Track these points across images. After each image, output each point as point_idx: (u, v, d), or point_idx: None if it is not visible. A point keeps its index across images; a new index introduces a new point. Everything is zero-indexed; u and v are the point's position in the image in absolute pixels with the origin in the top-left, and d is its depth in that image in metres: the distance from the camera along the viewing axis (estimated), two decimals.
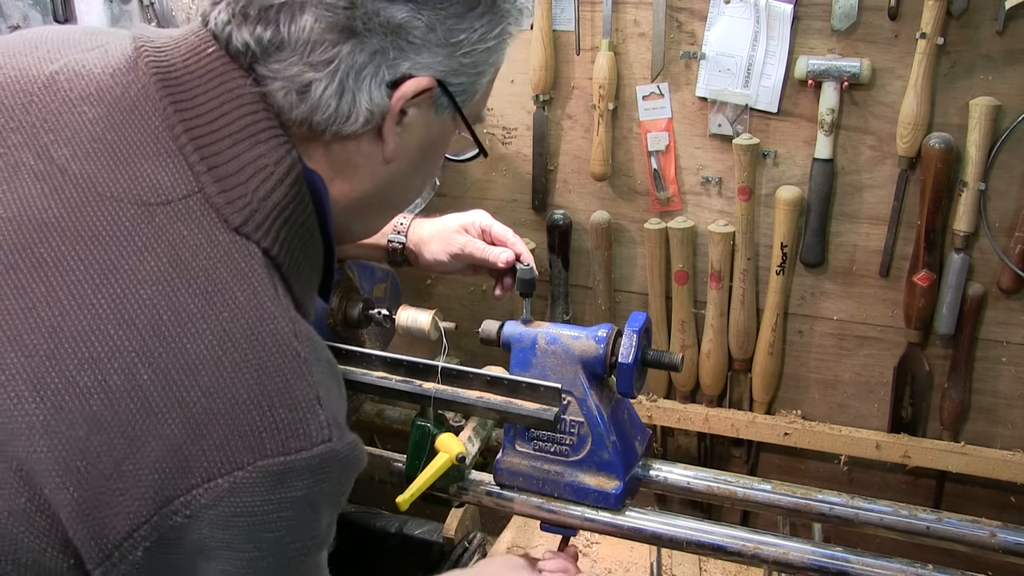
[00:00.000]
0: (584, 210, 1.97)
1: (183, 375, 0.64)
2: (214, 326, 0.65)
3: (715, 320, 1.91)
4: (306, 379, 0.68)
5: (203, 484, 0.63)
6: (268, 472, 0.65)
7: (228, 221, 0.69)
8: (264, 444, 0.65)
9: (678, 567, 1.84)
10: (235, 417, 0.64)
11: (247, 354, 0.66)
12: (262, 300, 0.68)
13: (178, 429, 0.63)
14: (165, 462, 0.63)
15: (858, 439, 1.88)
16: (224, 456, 0.64)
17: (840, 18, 1.66)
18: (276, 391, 0.66)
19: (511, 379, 1.16)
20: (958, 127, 1.65)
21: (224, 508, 0.64)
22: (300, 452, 0.66)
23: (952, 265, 1.72)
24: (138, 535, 0.63)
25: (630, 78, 1.84)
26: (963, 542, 1.11)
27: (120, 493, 0.62)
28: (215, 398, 0.64)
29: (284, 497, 0.66)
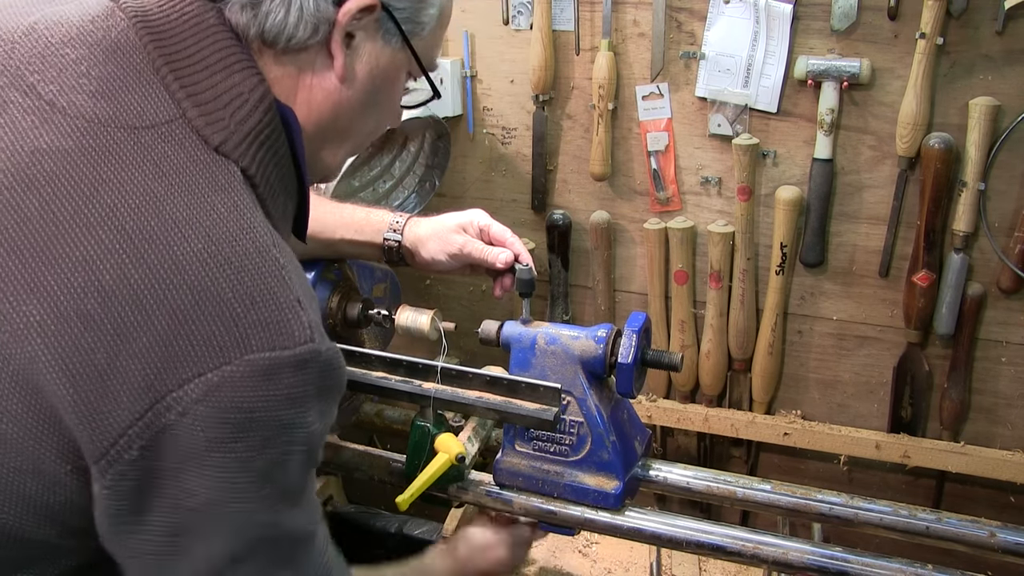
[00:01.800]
0: (584, 210, 1.97)
1: (171, 273, 0.67)
2: (198, 230, 0.69)
3: (715, 320, 1.91)
4: (286, 283, 0.72)
5: (194, 379, 0.66)
6: (255, 367, 0.68)
7: (208, 141, 0.74)
8: (250, 339, 0.68)
9: (678, 567, 1.84)
10: (221, 312, 0.67)
11: (230, 256, 0.69)
12: (242, 211, 0.72)
13: (167, 324, 0.66)
14: (156, 356, 0.65)
15: (858, 439, 1.88)
16: (212, 350, 0.66)
17: (840, 18, 1.66)
18: (259, 291, 0.69)
19: (511, 379, 1.16)
20: (958, 127, 1.65)
21: (214, 403, 0.66)
22: (285, 349, 0.69)
23: (952, 265, 1.72)
24: (133, 432, 0.65)
25: (630, 78, 1.84)
26: (963, 542, 1.11)
27: (115, 389, 0.65)
28: (201, 294, 0.67)
29: (272, 394, 0.69)
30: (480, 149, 2.02)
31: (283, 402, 0.70)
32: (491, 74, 1.95)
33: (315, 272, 1.25)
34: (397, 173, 1.93)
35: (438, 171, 1.89)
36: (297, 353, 0.70)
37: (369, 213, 1.30)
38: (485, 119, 1.99)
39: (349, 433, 1.40)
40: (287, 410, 0.70)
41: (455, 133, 1.98)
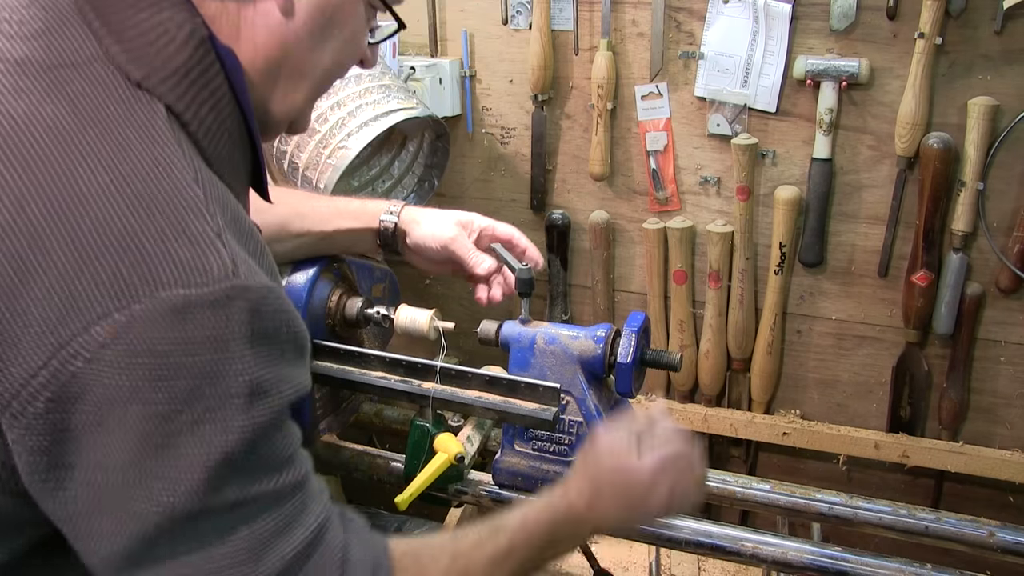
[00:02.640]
0: (583, 210, 1.97)
1: (72, 208, 0.62)
2: (107, 164, 0.64)
3: (714, 320, 1.91)
4: (204, 219, 0.66)
5: (99, 320, 0.61)
6: (167, 305, 0.62)
7: (130, 77, 0.69)
8: (159, 275, 0.62)
9: (677, 567, 1.84)
10: (126, 248, 0.62)
11: (139, 190, 0.64)
12: (160, 147, 0.67)
13: (68, 261, 0.61)
14: (57, 297, 0.61)
15: (857, 439, 1.88)
16: (117, 288, 0.61)
17: (839, 18, 1.66)
18: (171, 225, 0.64)
19: (510, 379, 1.16)
20: (957, 127, 1.65)
21: (123, 345, 0.61)
22: (202, 287, 0.63)
23: (951, 265, 1.72)
24: (37, 382, 0.61)
25: (629, 78, 1.84)
26: (962, 542, 1.11)
27: (15, 335, 0.61)
28: (105, 230, 0.62)
29: (189, 336, 0.62)
30: (479, 149, 2.02)
31: (204, 346, 0.63)
32: (490, 74, 1.95)
33: (314, 271, 1.25)
34: (396, 173, 1.93)
35: (437, 171, 1.89)
36: (216, 290, 0.64)
37: (365, 202, 1.30)
38: (484, 119, 1.99)
39: (348, 433, 1.40)
40: (210, 354, 0.64)
41: (454, 133, 1.98)
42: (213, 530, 0.67)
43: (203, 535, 0.67)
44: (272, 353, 0.69)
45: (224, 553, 0.67)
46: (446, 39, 1.96)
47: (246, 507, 0.68)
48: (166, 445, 0.63)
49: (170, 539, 0.66)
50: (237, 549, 0.68)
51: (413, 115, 1.65)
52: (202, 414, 0.64)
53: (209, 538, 0.67)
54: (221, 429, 0.65)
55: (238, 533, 0.68)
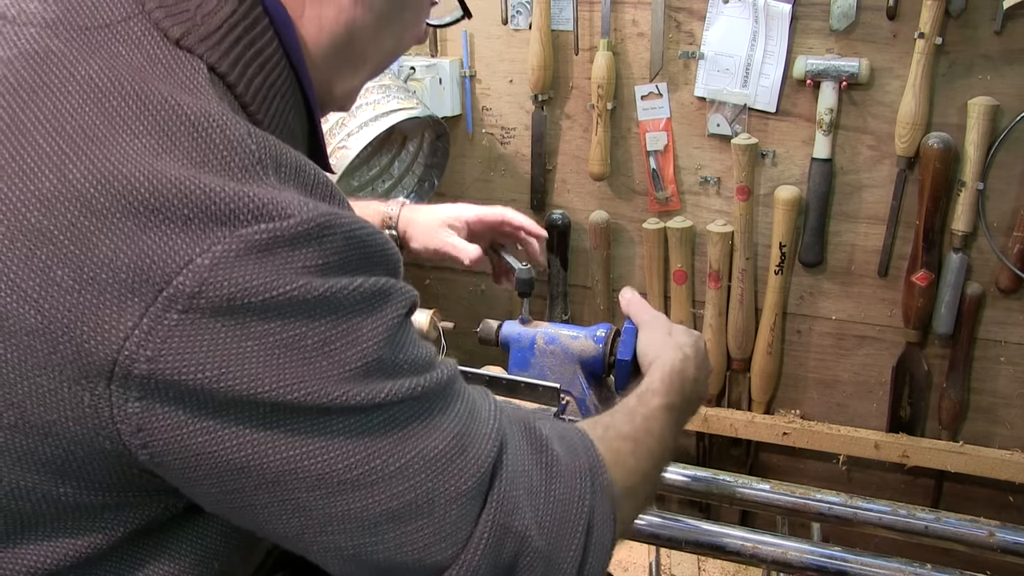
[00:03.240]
0: (583, 210, 1.97)
1: (118, 165, 0.58)
2: (150, 126, 0.59)
3: (714, 320, 1.91)
4: (259, 175, 0.61)
5: (182, 270, 0.56)
6: (250, 242, 0.58)
7: (168, 35, 0.64)
8: (235, 213, 0.58)
9: (677, 566, 1.84)
10: (190, 195, 0.57)
11: (189, 148, 0.59)
12: (206, 104, 0.62)
13: (128, 220, 0.57)
14: (127, 258, 0.57)
15: (857, 439, 1.88)
16: (192, 235, 0.57)
17: (839, 18, 1.66)
18: (231, 174, 0.59)
19: (510, 379, 1.16)
20: (957, 127, 1.65)
21: (216, 290, 0.57)
22: (285, 219, 0.59)
23: (951, 265, 1.72)
24: (131, 343, 0.56)
25: (629, 78, 1.84)
26: (962, 541, 1.11)
27: (92, 305, 0.57)
28: (159, 182, 0.57)
29: (285, 268, 0.58)
30: (479, 149, 2.02)
31: (302, 276, 0.59)
32: (490, 74, 1.95)
33: None
34: (396, 173, 1.93)
35: (437, 171, 1.89)
36: (300, 221, 0.59)
37: (368, 203, 1.29)
38: (484, 119, 1.99)
39: None
40: (311, 281, 0.59)
41: (454, 133, 1.98)
42: (402, 426, 0.63)
43: (395, 434, 0.63)
44: (378, 266, 0.65)
45: (432, 444, 0.64)
46: (446, 39, 1.96)
47: (419, 401, 0.65)
48: (300, 373, 0.59)
49: (360, 450, 0.62)
50: (444, 437, 0.65)
51: (413, 115, 1.66)
52: (328, 330, 0.60)
53: (403, 436, 0.63)
54: (352, 340, 0.61)
55: (433, 423, 0.65)
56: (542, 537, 0.69)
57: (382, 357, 0.62)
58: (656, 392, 0.91)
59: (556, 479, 0.72)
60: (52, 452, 0.60)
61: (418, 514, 0.64)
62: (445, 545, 0.65)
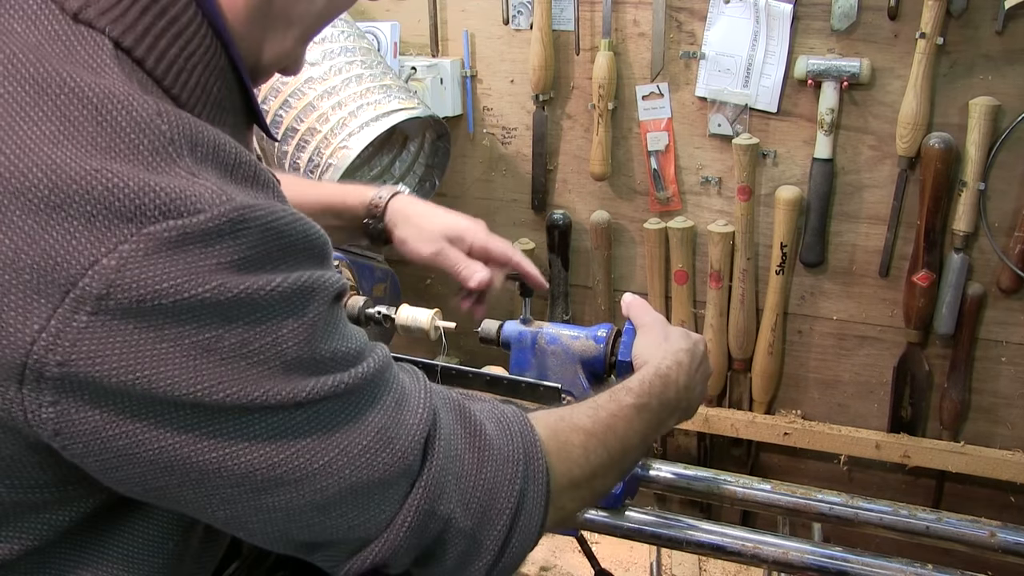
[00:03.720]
0: (584, 210, 1.97)
1: (16, 160, 0.54)
2: (50, 111, 0.56)
3: (715, 320, 1.91)
4: (172, 158, 0.57)
5: (87, 271, 0.54)
6: (159, 240, 0.54)
7: (64, 7, 0.59)
8: (142, 210, 0.54)
9: (678, 567, 1.84)
10: (93, 189, 0.54)
11: (93, 133, 0.56)
12: (110, 84, 0.57)
13: (27, 218, 0.54)
14: (28, 258, 0.54)
15: (858, 439, 1.88)
16: (96, 233, 0.54)
17: (840, 18, 1.66)
18: (139, 161, 0.56)
19: (511, 379, 1.16)
20: (958, 127, 1.65)
21: (124, 292, 0.54)
22: (195, 215, 0.55)
23: (952, 265, 1.72)
24: (38, 348, 0.54)
25: (630, 78, 1.84)
26: (963, 542, 1.11)
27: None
28: (61, 175, 0.54)
29: (197, 267, 0.55)
30: (480, 149, 2.02)
31: (216, 275, 0.56)
32: (491, 74, 1.95)
33: None
34: (397, 173, 1.93)
35: (438, 171, 1.89)
36: (215, 215, 0.56)
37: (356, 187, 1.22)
38: (485, 119, 1.99)
39: None
40: (226, 279, 0.56)
41: (455, 133, 1.98)
42: (326, 424, 0.62)
43: (319, 432, 0.62)
44: (299, 262, 0.62)
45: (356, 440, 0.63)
46: (447, 39, 1.96)
47: (343, 397, 0.63)
48: (217, 374, 0.57)
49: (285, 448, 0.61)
50: (368, 431, 0.64)
51: (414, 115, 1.66)
52: (246, 332, 0.58)
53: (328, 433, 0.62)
54: (271, 342, 0.59)
55: (357, 418, 0.64)
56: (467, 518, 0.70)
57: (303, 355, 0.61)
58: (631, 391, 0.90)
59: (487, 462, 0.71)
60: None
61: (342, 503, 0.64)
62: (370, 526, 0.66)
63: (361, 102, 1.62)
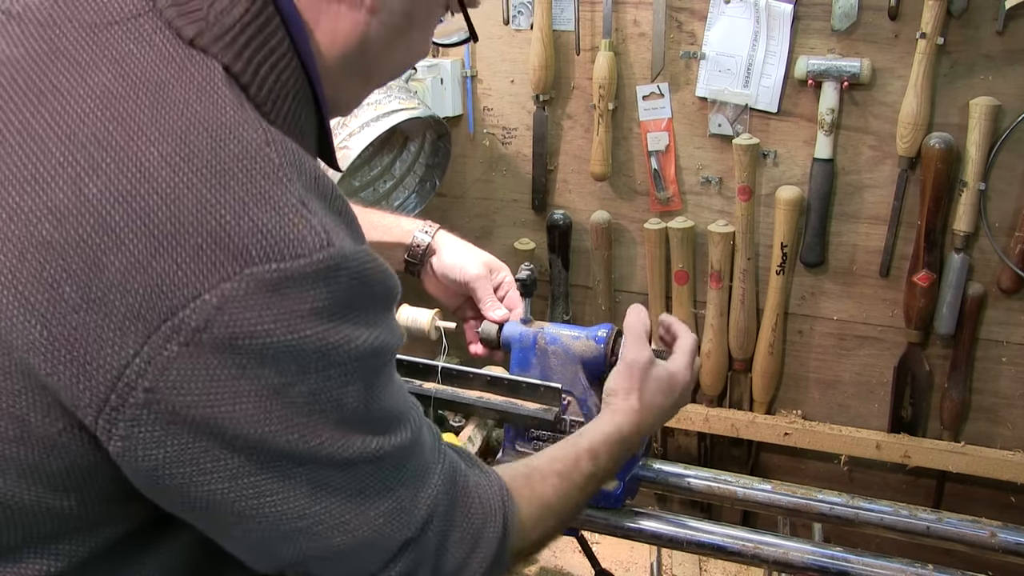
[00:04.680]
0: (584, 210, 1.97)
1: (136, 183, 0.56)
2: (166, 132, 0.58)
3: (715, 320, 1.91)
4: (283, 185, 0.60)
5: (189, 303, 0.56)
6: (260, 281, 0.57)
7: (182, 34, 0.62)
8: (248, 250, 0.57)
9: (678, 567, 1.84)
10: (204, 222, 0.56)
11: (208, 158, 0.58)
12: (223, 108, 0.60)
13: (141, 242, 0.56)
14: (136, 282, 0.56)
15: (858, 439, 1.88)
16: (202, 267, 0.56)
17: (840, 18, 1.66)
18: (249, 194, 0.58)
19: (511, 379, 1.16)
20: (958, 127, 1.65)
21: (220, 328, 0.56)
22: (296, 259, 0.58)
23: (952, 265, 1.72)
24: (132, 371, 0.56)
25: (630, 78, 1.84)
26: (963, 542, 1.11)
27: (97, 326, 0.56)
28: (176, 203, 0.56)
29: (289, 313, 0.58)
30: (480, 149, 2.02)
31: (307, 321, 0.59)
32: (491, 74, 1.95)
33: None
34: (398, 173, 1.93)
35: (438, 171, 1.89)
36: (313, 261, 0.59)
37: (399, 218, 1.29)
38: (485, 119, 1.99)
39: None
40: (315, 328, 0.59)
41: (455, 133, 1.98)
42: (358, 487, 0.67)
43: (350, 492, 0.66)
44: (377, 313, 0.65)
45: (378, 507, 0.68)
46: None
47: (380, 462, 0.68)
48: (284, 418, 0.60)
49: (322, 499, 0.65)
50: (390, 501, 0.69)
51: (414, 115, 1.66)
52: (320, 383, 0.61)
53: (366, 487, 0.67)
54: (339, 394, 0.62)
55: (386, 480, 0.68)
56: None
57: (360, 412, 0.65)
58: (593, 456, 0.94)
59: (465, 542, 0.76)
60: (55, 466, 0.61)
61: (346, 556, 0.68)
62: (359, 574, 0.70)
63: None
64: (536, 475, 0.87)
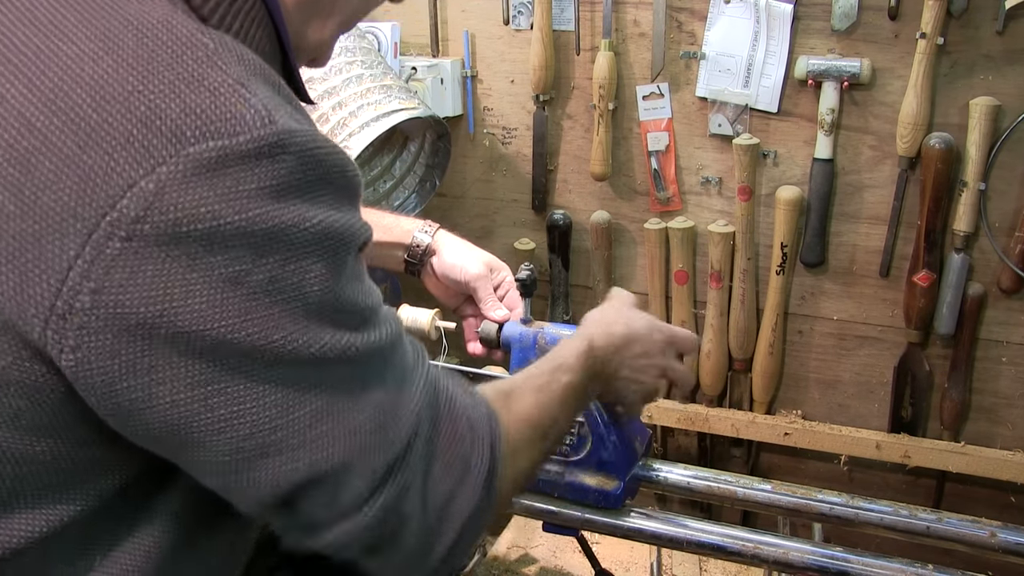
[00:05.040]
0: (584, 210, 1.97)
1: (58, 80, 0.54)
2: (91, 34, 0.56)
3: (715, 320, 1.91)
4: (218, 68, 0.57)
5: (125, 193, 0.53)
6: (198, 161, 0.54)
7: None
8: (182, 130, 0.54)
9: (678, 567, 1.84)
10: (132, 108, 0.54)
11: (134, 47, 0.56)
12: (153, 8, 0.58)
13: (68, 137, 0.54)
14: (69, 179, 0.53)
15: (858, 439, 1.88)
16: (135, 154, 0.54)
17: (840, 18, 1.66)
18: (180, 78, 0.55)
19: None
20: (958, 127, 1.65)
21: (160, 215, 0.54)
22: (235, 136, 0.55)
23: (952, 265, 1.72)
24: (75, 274, 0.54)
25: (630, 78, 1.84)
26: (963, 542, 1.11)
27: (34, 232, 0.54)
28: (101, 93, 0.54)
29: (234, 191, 0.55)
30: (480, 149, 2.02)
31: (254, 200, 0.56)
32: (491, 74, 1.95)
33: None
34: (397, 173, 1.93)
35: (438, 171, 1.89)
36: (254, 137, 0.56)
37: (399, 218, 1.29)
38: (485, 119, 1.99)
39: None
40: (264, 208, 0.56)
41: (455, 133, 1.98)
42: (331, 391, 0.63)
43: (323, 397, 0.62)
44: (334, 197, 0.62)
45: (355, 416, 0.64)
46: (447, 39, 1.96)
47: (353, 363, 0.64)
48: (243, 310, 0.57)
49: (300, 399, 0.61)
50: (368, 410, 0.64)
51: (414, 115, 1.66)
52: (276, 267, 0.58)
53: (330, 401, 0.63)
54: (300, 276, 0.59)
55: (363, 388, 0.65)
56: (425, 517, 0.69)
57: (325, 301, 0.61)
58: (568, 368, 0.92)
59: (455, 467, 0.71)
60: (17, 404, 0.59)
61: (327, 487, 0.64)
62: (333, 514, 0.66)
63: (361, 102, 1.62)
64: (515, 392, 0.85)
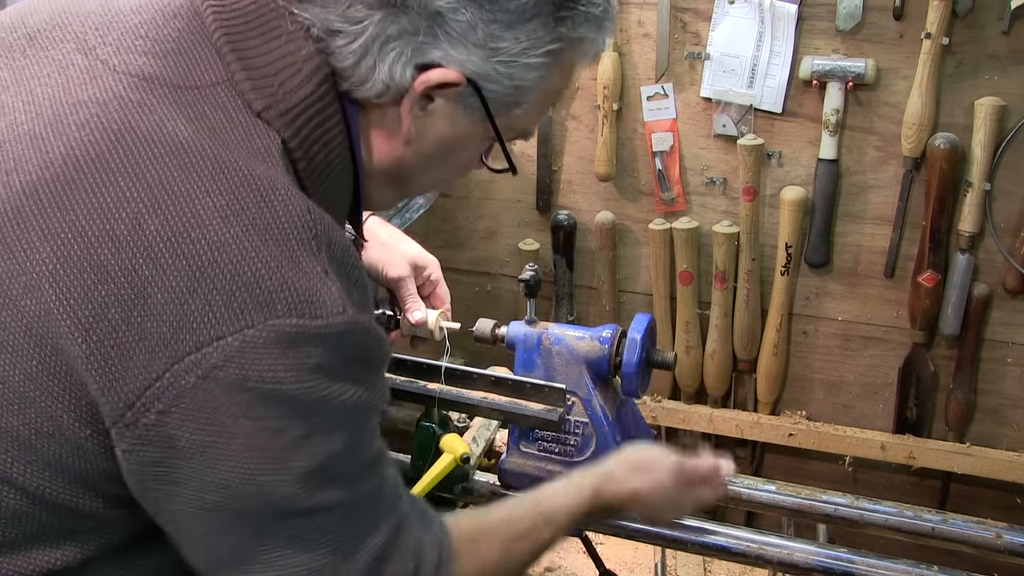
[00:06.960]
0: (588, 211, 1.97)
1: (189, 227, 0.63)
2: (224, 187, 0.65)
3: (719, 321, 1.91)
4: (314, 254, 0.67)
5: (213, 342, 0.62)
6: (280, 333, 0.64)
7: (251, 106, 0.71)
8: (274, 303, 0.64)
9: (682, 567, 1.84)
10: (241, 272, 0.63)
11: (255, 215, 0.65)
12: (276, 176, 0.68)
13: (182, 279, 0.63)
14: (171, 315, 0.62)
15: (863, 440, 1.88)
16: (232, 312, 0.63)
17: (845, 18, 1.66)
18: (284, 255, 0.65)
19: (515, 379, 1.16)
20: (963, 127, 1.64)
21: (236, 369, 0.63)
22: (315, 319, 0.65)
23: (957, 265, 1.71)
24: (151, 393, 0.63)
25: (634, 79, 1.84)
26: (968, 543, 1.11)
27: (130, 348, 0.63)
28: (220, 251, 0.63)
29: (299, 365, 0.65)
30: None
31: (314, 374, 0.66)
32: None
33: None
34: None
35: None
36: (329, 323, 0.66)
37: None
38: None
39: None
40: (320, 382, 0.66)
41: None
42: (315, 531, 0.71)
43: (305, 536, 0.70)
44: (371, 373, 0.72)
45: (324, 553, 0.71)
46: None
47: (343, 508, 0.72)
48: (277, 458, 0.66)
49: (275, 541, 0.69)
50: (335, 547, 0.71)
51: None
52: (311, 429, 0.67)
53: (311, 538, 0.71)
54: (326, 440, 0.68)
55: (334, 533, 0.72)
56: None
57: (336, 464, 0.70)
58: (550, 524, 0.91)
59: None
60: (77, 465, 0.67)
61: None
62: None
63: None
64: (484, 540, 0.86)
